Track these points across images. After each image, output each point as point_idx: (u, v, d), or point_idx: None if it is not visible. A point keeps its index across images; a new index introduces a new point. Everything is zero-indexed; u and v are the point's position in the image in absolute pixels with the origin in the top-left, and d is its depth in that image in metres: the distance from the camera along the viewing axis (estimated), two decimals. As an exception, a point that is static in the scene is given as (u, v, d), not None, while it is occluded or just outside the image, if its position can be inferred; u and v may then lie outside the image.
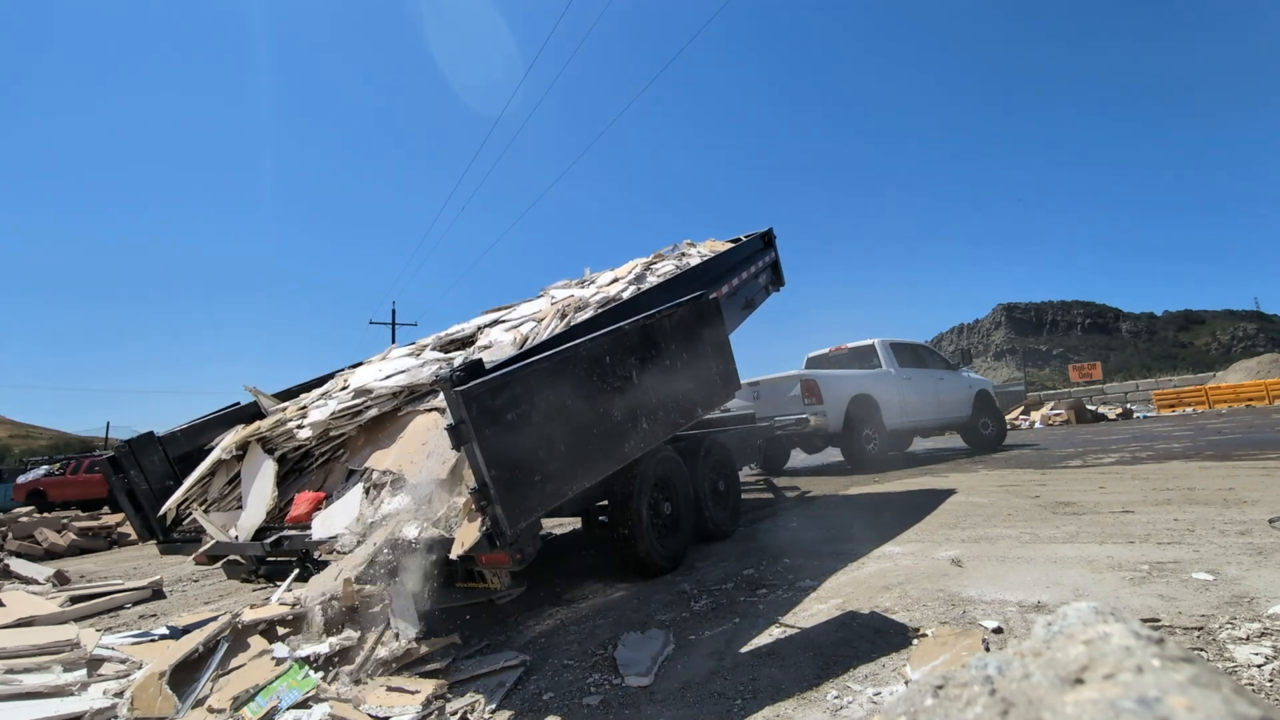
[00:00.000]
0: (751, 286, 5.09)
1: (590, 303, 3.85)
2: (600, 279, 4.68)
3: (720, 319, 3.39)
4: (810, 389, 7.25)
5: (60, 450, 69.39)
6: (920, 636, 2.05)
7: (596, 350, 2.48)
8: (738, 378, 3.42)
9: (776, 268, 5.63)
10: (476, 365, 2.07)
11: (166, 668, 2.15)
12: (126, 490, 3.11)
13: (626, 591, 3.05)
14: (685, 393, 2.97)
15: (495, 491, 1.92)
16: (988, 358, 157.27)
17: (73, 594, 4.20)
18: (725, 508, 4.19)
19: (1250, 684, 1.54)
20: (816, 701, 1.72)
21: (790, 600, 2.65)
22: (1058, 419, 17.83)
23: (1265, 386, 21.01)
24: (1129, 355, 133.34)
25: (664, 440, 2.88)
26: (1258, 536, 2.86)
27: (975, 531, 3.57)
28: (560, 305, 3.81)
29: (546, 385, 2.21)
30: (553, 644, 2.43)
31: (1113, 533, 3.20)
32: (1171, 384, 28.41)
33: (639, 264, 4.68)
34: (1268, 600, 2.03)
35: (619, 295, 3.86)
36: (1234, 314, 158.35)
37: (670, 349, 2.91)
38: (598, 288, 4.31)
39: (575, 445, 2.29)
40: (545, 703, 1.93)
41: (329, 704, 1.96)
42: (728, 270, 4.70)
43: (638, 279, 4.30)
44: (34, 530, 8.14)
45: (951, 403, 9.05)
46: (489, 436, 1.94)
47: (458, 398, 1.89)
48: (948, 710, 0.54)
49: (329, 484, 2.94)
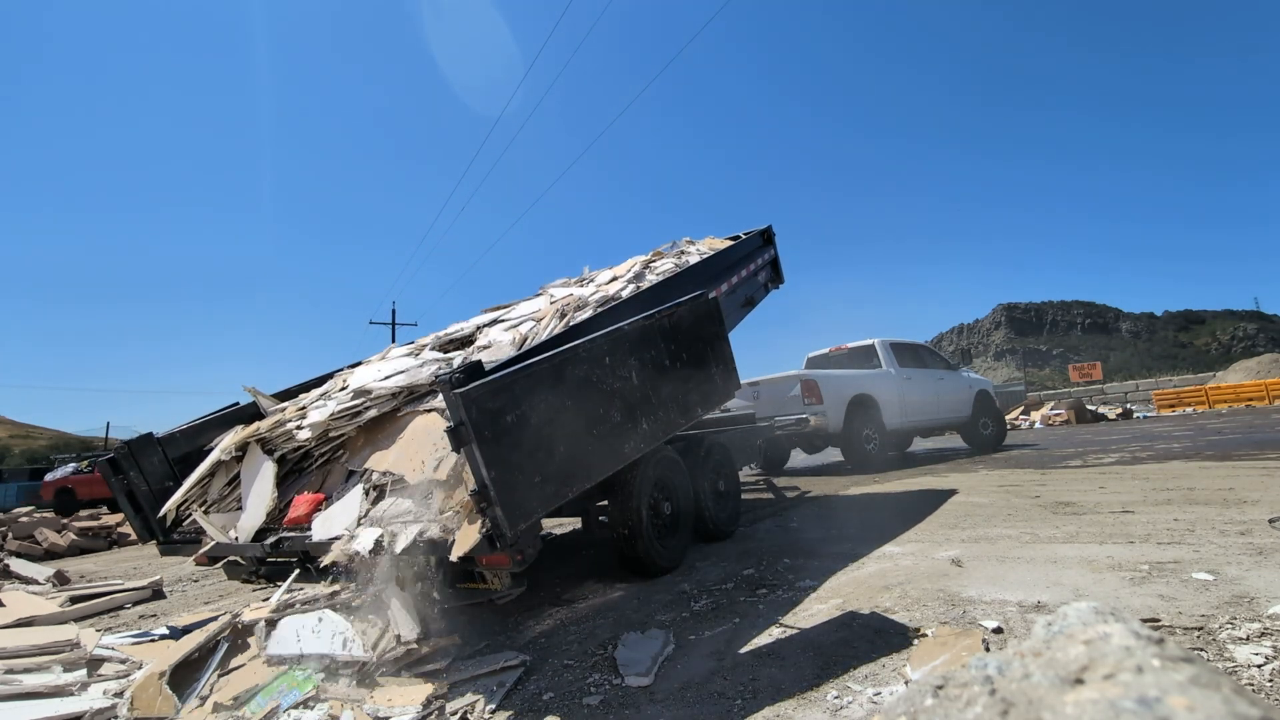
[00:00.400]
0: (751, 284, 5.08)
1: (589, 302, 3.85)
2: (599, 277, 4.68)
3: (720, 318, 3.39)
4: (810, 389, 7.25)
5: (60, 450, 69.34)
6: (920, 636, 2.05)
7: (596, 351, 2.47)
8: (737, 377, 3.41)
9: (776, 265, 5.62)
10: (476, 367, 2.07)
11: (166, 668, 2.16)
12: (126, 491, 3.10)
13: (626, 591, 3.05)
14: (685, 392, 2.97)
15: (495, 493, 1.92)
16: (988, 358, 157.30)
17: (73, 594, 4.20)
18: (725, 508, 4.19)
19: (1250, 684, 1.54)
20: (816, 701, 1.72)
21: (790, 600, 2.65)
22: (1058, 419, 17.83)
23: (1265, 386, 21.01)
24: (1129, 355, 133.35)
25: (664, 440, 2.88)
26: (1258, 536, 2.86)
27: (975, 531, 3.57)
28: (559, 305, 3.81)
29: (546, 387, 2.21)
30: (553, 644, 2.43)
31: (1113, 533, 3.20)
32: (1171, 384, 28.40)
33: (638, 262, 4.68)
34: (1268, 600, 2.03)
35: (618, 294, 3.86)
36: (1234, 314, 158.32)
37: (670, 349, 2.91)
38: (597, 286, 4.31)
39: (575, 446, 2.28)
40: (545, 703, 1.93)
41: (329, 704, 1.96)
42: (727, 268, 4.69)
43: (637, 277, 4.29)
44: (34, 530, 8.14)
45: (951, 403, 9.05)
46: (488, 438, 1.93)
47: (457, 400, 1.89)
48: (948, 710, 0.54)
49: (328, 485, 2.93)
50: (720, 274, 4.53)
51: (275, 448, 3.16)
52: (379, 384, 3.13)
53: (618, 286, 4.10)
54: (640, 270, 4.46)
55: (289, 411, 3.33)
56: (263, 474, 3.01)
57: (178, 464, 3.30)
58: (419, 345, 3.97)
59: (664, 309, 2.94)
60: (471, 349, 3.56)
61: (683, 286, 3.66)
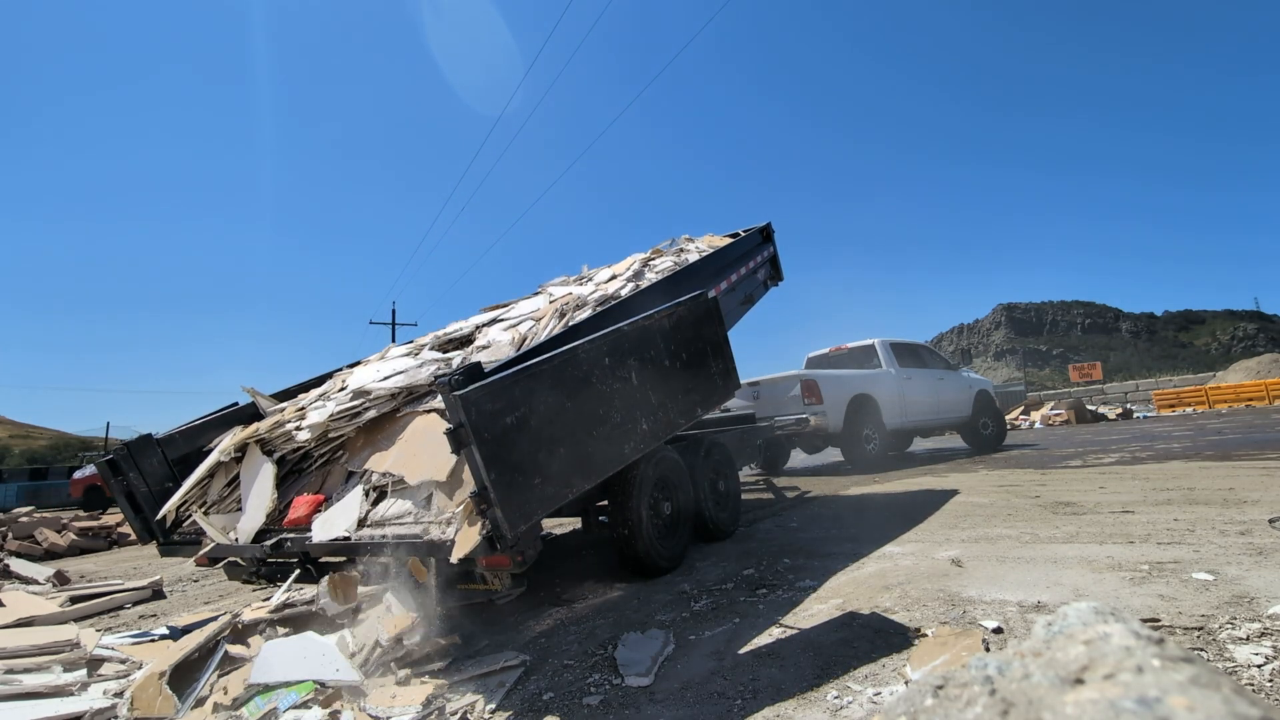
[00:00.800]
0: (751, 282, 5.07)
1: (589, 301, 3.84)
2: (599, 275, 4.68)
3: (720, 318, 3.38)
4: (810, 389, 7.25)
5: (60, 450, 69.34)
6: (920, 636, 2.05)
7: (596, 352, 2.47)
8: (737, 377, 3.40)
9: (775, 262, 5.61)
10: (475, 368, 2.06)
11: (167, 668, 2.16)
12: (125, 492, 3.10)
13: (626, 591, 3.05)
14: (685, 392, 2.97)
15: (495, 495, 1.92)
16: (988, 358, 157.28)
17: (73, 594, 4.20)
18: (725, 507, 4.19)
19: (1250, 684, 1.54)
20: (816, 701, 1.72)
21: (790, 600, 2.65)
22: (1058, 419, 17.84)
23: (1265, 386, 21.02)
24: (1129, 355, 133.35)
25: (664, 440, 2.88)
26: (1258, 536, 2.86)
27: (975, 531, 3.57)
28: (559, 304, 3.81)
29: (546, 388, 2.20)
30: (553, 644, 2.43)
31: (1113, 533, 3.20)
32: (1171, 384, 28.42)
33: (637, 260, 4.68)
34: (1268, 600, 2.03)
35: (617, 293, 3.85)
36: (1234, 314, 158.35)
37: (670, 349, 2.90)
38: (596, 285, 4.31)
39: (575, 447, 2.28)
40: (545, 703, 1.92)
41: (329, 705, 1.96)
42: (727, 265, 4.68)
43: (636, 276, 4.29)
44: (34, 530, 8.14)
45: (951, 403, 9.05)
46: (488, 440, 1.93)
47: (456, 402, 1.89)
48: (948, 710, 0.54)
49: (328, 486, 2.93)
50: (720, 271, 4.53)
51: (275, 449, 3.16)
52: (378, 385, 3.13)
53: (617, 285, 4.10)
54: (639, 269, 4.46)
55: (288, 412, 3.33)
56: (262, 475, 3.02)
57: (177, 465, 3.30)
58: (418, 345, 3.97)
59: (664, 309, 2.93)
60: (470, 349, 3.56)
61: (683, 285, 3.65)
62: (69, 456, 56.56)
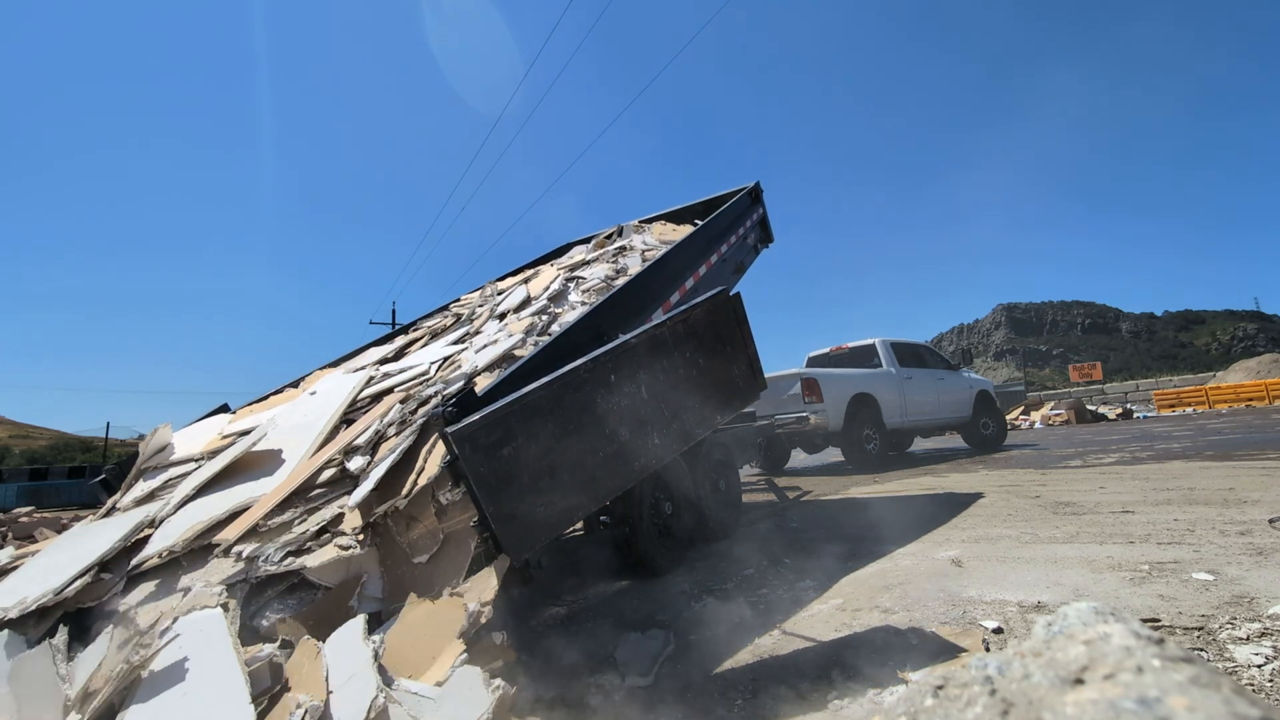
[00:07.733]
0: (741, 248, 4.75)
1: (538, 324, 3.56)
2: (515, 294, 4.28)
3: (743, 316, 2.91)
4: (810, 387, 7.25)
5: (60, 450, 69.29)
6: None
7: (600, 370, 2.28)
8: (764, 377, 2.95)
9: (765, 224, 5.24)
10: (469, 397, 1.99)
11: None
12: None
13: (626, 591, 3.05)
14: (703, 402, 2.65)
15: (496, 528, 1.86)
16: (988, 358, 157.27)
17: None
18: (726, 507, 4.19)
19: (1250, 684, 1.54)
20: (816, 702, 1.72)
21: (790, 600, 2.65)
22: (1058, 419, 17.85)
23: (1265, 386, 21.02)
24: (1129, 355, 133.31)
25: (679, 453, 2.65)
26: (1258, 536, 2.86)
27: (975, 531, 3.57)
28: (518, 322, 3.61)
29: (546, 413, 2.06)
30: (552, 644, 2.43)
31: (1113, 533, 3.20)
32: (1171, 384, 28.42)
33: (560, 272, 4.42)
34: (1268, 600, 2.03)
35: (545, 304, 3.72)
36: (1234, 314, 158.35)
37: (685, 356, 2.58)
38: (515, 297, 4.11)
39: (580, 470, 2.13)
40: (545, 702, 1.92)
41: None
42: (716, 236, 4.34)
43: (565, 285, 4.09)
44: (34, 530, 8.14)
45: (952, 403, 9.05)
46: (484, 475, 1.85)
47: (450, 439, 1.82)
48: (948, 710, 0.54)
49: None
50: (710, 243, 4.22)
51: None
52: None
53: (534, 308, 3.84)
54: (562, 287, 4.17)
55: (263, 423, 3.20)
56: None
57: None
58: (382, 356, 3.86)
59: (677, 314, 2.59)
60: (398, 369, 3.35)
61: (664, 268, 3.50)
62: (69, 457, 56.55)
